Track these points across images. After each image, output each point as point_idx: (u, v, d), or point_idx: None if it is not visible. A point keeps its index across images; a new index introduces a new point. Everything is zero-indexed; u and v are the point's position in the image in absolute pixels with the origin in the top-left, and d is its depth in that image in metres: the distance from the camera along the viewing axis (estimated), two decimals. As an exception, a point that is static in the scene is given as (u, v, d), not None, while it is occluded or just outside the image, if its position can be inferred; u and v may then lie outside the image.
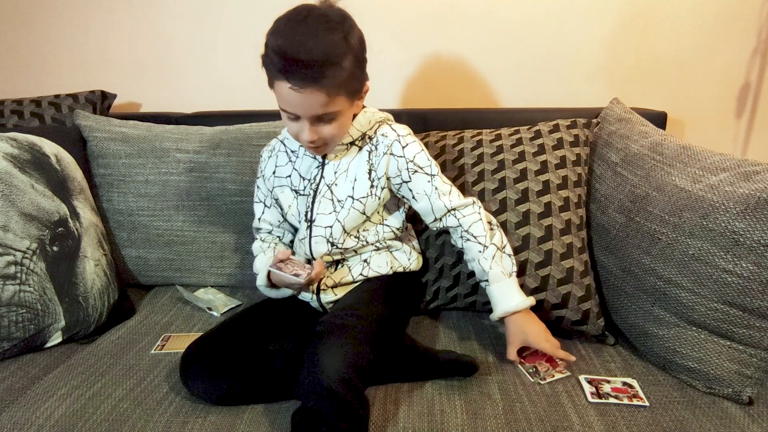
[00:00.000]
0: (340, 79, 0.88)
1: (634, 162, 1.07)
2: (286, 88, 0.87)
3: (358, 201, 1.02)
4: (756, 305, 0.84)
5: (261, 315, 1.06)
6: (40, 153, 1.15)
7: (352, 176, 1.03)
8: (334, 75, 0.87)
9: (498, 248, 1.01)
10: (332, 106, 0.91)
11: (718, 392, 0.89)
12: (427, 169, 1.02)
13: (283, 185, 1.09)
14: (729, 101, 1.51)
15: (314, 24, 0.87)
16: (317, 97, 0.88)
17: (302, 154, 1.08)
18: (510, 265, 1.01)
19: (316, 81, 0.86)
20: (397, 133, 1.03)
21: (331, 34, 0.87)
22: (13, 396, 0.93)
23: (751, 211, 0.83)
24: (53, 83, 1.61)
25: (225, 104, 1.58)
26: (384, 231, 1.08)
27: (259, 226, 1.15)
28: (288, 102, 0.90)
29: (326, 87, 0.87)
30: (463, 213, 1.03)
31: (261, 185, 1.14)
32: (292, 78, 0.86)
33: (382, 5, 1.48)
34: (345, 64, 0.88)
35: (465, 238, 1.02)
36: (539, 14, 1.46)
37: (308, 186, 1.06)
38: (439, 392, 0.91)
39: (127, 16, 1.55)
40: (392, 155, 1.02)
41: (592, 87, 1.51)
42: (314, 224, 1.04)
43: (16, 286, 1.03)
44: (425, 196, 1.03)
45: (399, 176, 1.02)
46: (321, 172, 1.05)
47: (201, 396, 0.90)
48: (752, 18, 1.44)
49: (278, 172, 1.10)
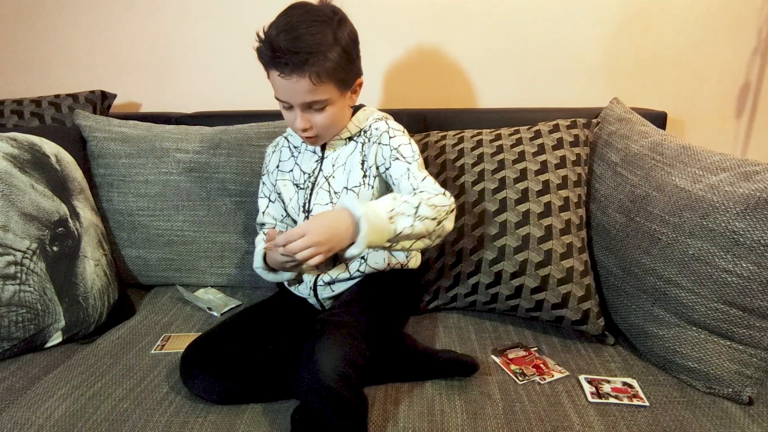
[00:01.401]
0: (326, 68, 0.92)
1: (634, 162, 1.07)
2: (275, 76, 0.93)
3: (351, 191, 1.04)
4: (756, 305, 0.84)
5: (260, 315, 1.06)
6: (40, 153, 1.15)
7: (348, 168, 1.06)
8: (319, 63, 0.91)
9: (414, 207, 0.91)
10: (320, 94, 0.94)
11: (718, 392, 0.89)
12: (409, 159, 1.02)
13: (285, 179, 1.12)
14: (729, 101, 1.51)
15: (303, 16, 0.93)
16: (302, 84, 0.92)
17: (304, 150, 1.11)
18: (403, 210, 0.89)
19: (300, 68, 0.90)
20: (389, 125, 1.05)
21: (319, 26, 0.92)
22: (13, 396, 0.93)
23: (751, 211, 0.83)
24: (53, 83, 1.61)
25: (225, 104, 1.58)
26: None
27: (263, 220, 1.17)
28: (278, 89, 0.95)
29: (310, 74, 0.91)
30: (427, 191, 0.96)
31: (266, 181, 1.17)
32: (279, 65, 0.91)
33: (383, 5, 1.48)
34: (330, 54, 0.92)
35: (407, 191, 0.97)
36: (539, 14, 1.46)
37: (308, 179, 1.09)
38: (439, 392, 0.91)
39: (128, 16, 1.55)
40: (380, 144, 1.04)
41: (592, 87, 1.51)
42: (311, 215, 1.06)
43: (16, 286, 1.03)
44: (402, 178, 1.00)
45: (383, 164, 1.04)
46: (320, 166, 1.08)
47: (201, 395, 0.90)
48: (752, 17, 1.44)
49: (281, 167, 1.13)
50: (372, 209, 0.88)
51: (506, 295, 1.12)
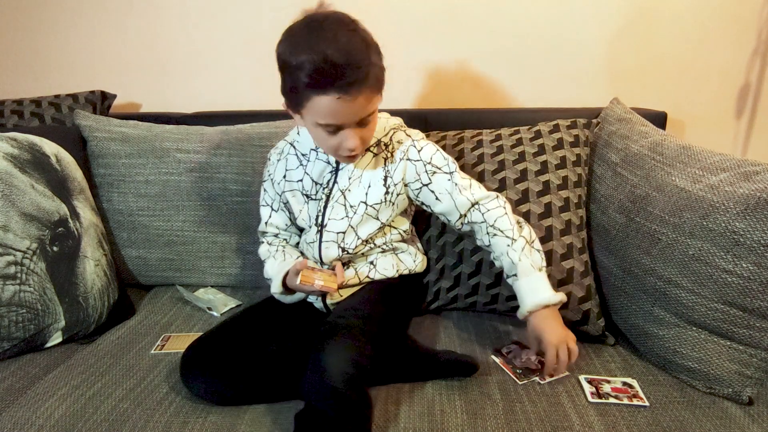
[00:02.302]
0: (378, 75, 0.87)
1: (634, 162, 1.07)
2: (329, 100, 0.83)
3: (372, 207, 1.01)
4: (756, 305, 0.84)
5: (261, 315, 1.05)
6: (40, 153, 1.15)
7: (366, 182, 1.01)
8: (374, 72, 0.86)
9: (527, 241, 0.96)
10: (373, 105, 0.89)
11: (718, 392, 0.89)
12: (445, 168, 1.00)
13: (294, 189, 1.07)
14: (729, 101, 1.52)
15: (336, 28, 0.84)
16: (364, 98, 0.85)
17: (314, 159, 1.04)
18: (539, 260, 0.96)
19: (364, 82, 0.84)
20: (411, 138, 1.02)
21: (355, 35, 0.85)
22: (13, 396, 0.93)
23: (751, 211, 0.83)
24: (53, 83, 1.61)
25: (225, 104, 1.58)
26: (392, 233, 1.07)
27: (266, 230, 1.13)
28: (332, 114, 0.86)
29: (371, 86, 0.86)
30: (487, 207, 0.98)
31: (269, 188, 1.12)
32: (338, 85, 0.82)
33: (383, 6, 1.48)
34: (374, 59, 0.87)
35: (491, 234, 0.97)
36: (540, 14, 1.46)
37: (321, 191, 1.04)
38: (440, 392, 0.91)
39: (128, 16, 1.55)
40: (409, 160, 1.00)
41: (592, 87, 1.51)
42: (325, 229, 1.03)
43: (16, 286, 1.03)
44: (447, 194, 1.00)
45: (418, 180, 1.00)
46: (335, 177, 1.03)
47: (202, 397, 0.90)
48: (752, 18, 1.44)
49: (289, 176, 1.07)
50: (539, 287, 0.93)
51: (506, 296, 1.12)
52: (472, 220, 1.00)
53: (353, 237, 1.02)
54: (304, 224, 1.08)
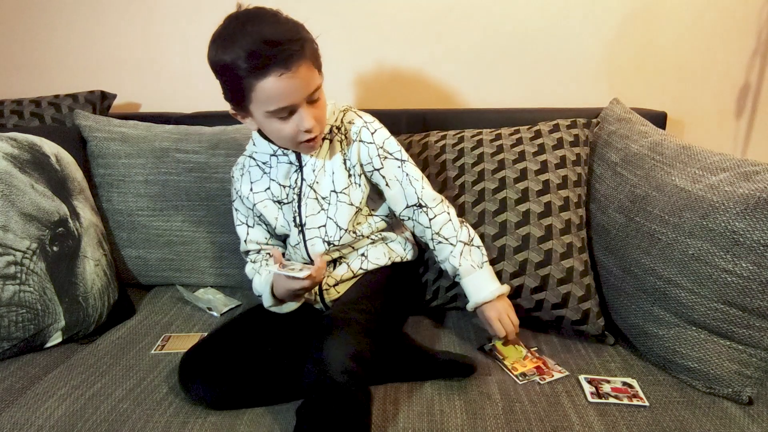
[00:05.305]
0: (314, 49, 0.90)
1: (634, 162, 1.07)
2: (273, 80, 0.85)
3: (342, 193, 1.02)
4: (756, 305, 0.84)
5: (259, 318, 1.05)
6: (40, 153, 1.15)
7: (330, 170, 1.03)
8: (309, 45, 0.88)
9: (465, 243, 1.02)
10: (316, 80, 0.90)
11: (718, 392, 0.89)
12: (396, 154, 1.03)
13: (264, 200, 1.06)
14: (729, 101, 1.52)
15: (267, 14, 0.88)
16: (306, 70, 0.87)
17: (276, 163, 1.04)
18: (480, 256, 1.02)
19: (302, 54, 0.86)
20: (363, 119, 1.03)
21: (279, 16, 0.88)
22: (13, 396, 0.93)
23: (751, 211, 0.83)
24: (53, 83, 1.61)
25: (225, 104, 1.57)
26: (375, 222, 1.08)
27: (247, 248, 1.12)
28: (279, 95, 0.87)
29: (309, 58, 0.88)
30: (434, 212, 1.03)
31: (239, 206, 1.11)
32: (278, 62, 0.84)
33: (382, 6, 1.48)
34: (305, 34, 0.89)
35: (437, 241, 1.03)
36: (539, 14, 1.46)
37: (291, 192, 1.04)
38: (439, 392, 0.91)
39: (127, 16, 1.55)
40: (362, 142, 1.02)
41: (592, 87, 1.51)
42: (306, 227, 1.04)
43: (16, 286, 1.03)
44: (397, 182, 1.03)
45: (370, 163, 1.02)
46: (300, 175, 1.03)
47: (201, 400, 0.89)
48: (752, 19, 1.44)
49: (255, 188, 1.06)
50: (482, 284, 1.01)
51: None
52: (418, 221, 1.04)
53: (334, 227, 1.03)
54: (284, 230, 1.08)
